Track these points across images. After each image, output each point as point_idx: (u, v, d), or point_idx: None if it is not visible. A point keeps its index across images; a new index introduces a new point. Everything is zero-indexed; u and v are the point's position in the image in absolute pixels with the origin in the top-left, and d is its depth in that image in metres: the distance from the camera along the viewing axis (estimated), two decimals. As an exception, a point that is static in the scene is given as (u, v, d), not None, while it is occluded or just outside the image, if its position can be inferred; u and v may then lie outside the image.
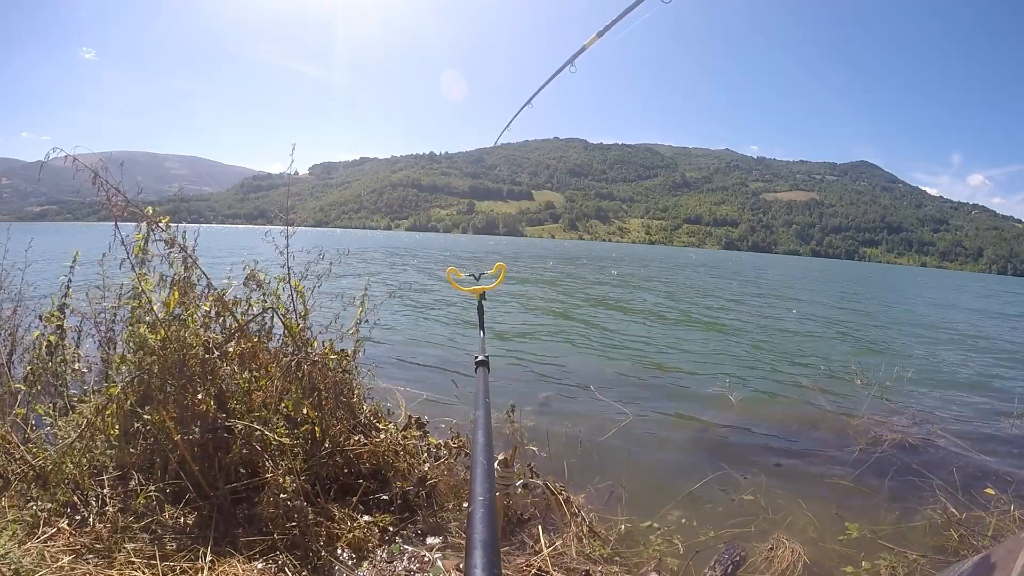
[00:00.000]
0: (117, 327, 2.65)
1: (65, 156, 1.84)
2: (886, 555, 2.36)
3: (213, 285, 2.27)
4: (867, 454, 3.52)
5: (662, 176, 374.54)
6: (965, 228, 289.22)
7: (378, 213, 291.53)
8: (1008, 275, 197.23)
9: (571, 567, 2.02)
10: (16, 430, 2.08)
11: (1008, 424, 4.48)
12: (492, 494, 0.65)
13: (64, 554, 1.64)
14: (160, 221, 2.09)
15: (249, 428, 1.99)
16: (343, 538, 1.97)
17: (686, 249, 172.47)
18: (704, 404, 4.55)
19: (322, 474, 2.20)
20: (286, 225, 2.44)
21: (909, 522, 2.72)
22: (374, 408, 2.71)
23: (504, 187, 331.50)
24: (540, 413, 3.94)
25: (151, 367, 1.97)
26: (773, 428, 4.07)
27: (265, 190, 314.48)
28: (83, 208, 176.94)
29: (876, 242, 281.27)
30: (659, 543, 2.34)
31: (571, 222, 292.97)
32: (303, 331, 2.41)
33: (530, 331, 7.54)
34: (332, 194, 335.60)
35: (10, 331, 2.72)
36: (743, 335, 8.48)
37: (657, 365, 5.93)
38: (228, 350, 2.14)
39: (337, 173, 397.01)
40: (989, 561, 1.42)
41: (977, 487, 3.11)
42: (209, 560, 1.71)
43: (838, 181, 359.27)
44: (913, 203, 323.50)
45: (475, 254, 35.34)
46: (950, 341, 9.56)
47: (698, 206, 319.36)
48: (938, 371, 6.67)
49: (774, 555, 2.23)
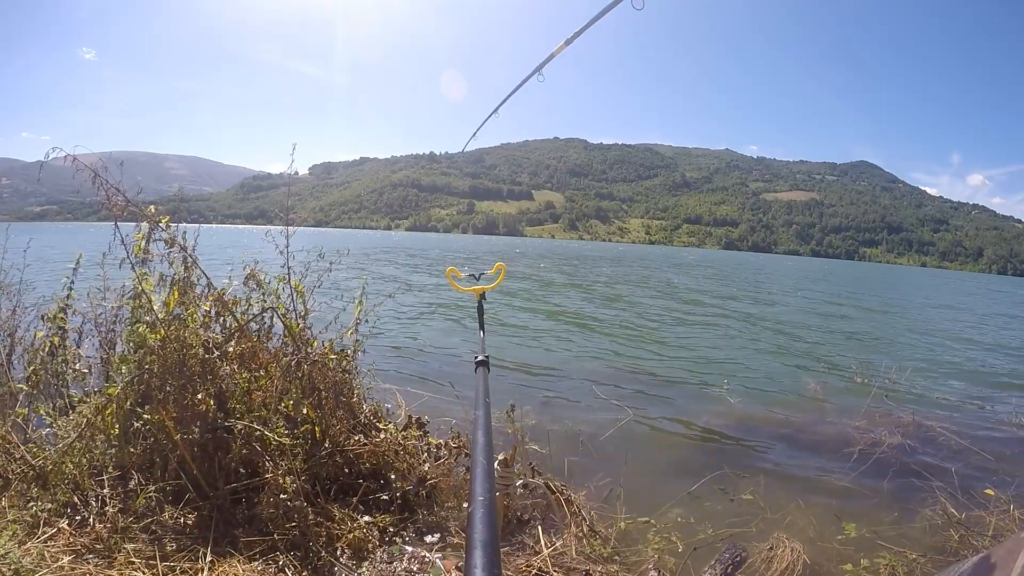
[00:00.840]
0: (117, 327, 2.66)
1: (65, 156, 1.84)
2: (885, 554, 2.36)
3: (213, 285, 2.27)
4: (866, 454, 3.52)
5: (662, 176, 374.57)
6: (965, 228, 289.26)
7: (378, 213, 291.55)
8: (1008, 275, 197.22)
9: (571, 567, 2.02)
10: (16, 430, 2.08)
11: (1008, 424, 4.49)
12: (492, 494, 0.65)
13: (64, 554, 1.64)
14: (160, 221, 2.09)
15: (249, 428, 1.99)
16: (343, 538, 1.97)
17: (682, 249, 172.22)
18: (704, 403, 4.55)
19: (322, 474, 2.20)
20: (286, 225, 2.44)
21: (909, 522, 2.71)
22: (374, 408, 2.71)
23: (504, 187, 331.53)
24: (540, 412, 3.94)
25: (151, 367, 1.97)
26: (772, 427, 4.07)
27: (265, 190, 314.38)
28: (83, 208, 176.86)
29: (876, 242, 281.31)
30: (659, 542, 2.34)
31: (571, 222, 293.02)
32: (303, 331, 2.41)
33: (530, 331, 7.54)
34: (332, 194, 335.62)
35: (9, 331, 2.72)
36: (742, 335, 8.49)
37: (657, 364, 5.92)
38: (228, 350, 2.14)
39: (337, 173, 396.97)
40: (989, 561, 1.42)
41: (977, 487, 3.11)
42: (209, 560, 1.71)
43: (838, 181, 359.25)
44: (913, 203, 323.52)
45: (472, 254, 35.33)
46: (950, 341, 9.56)
47: (698, 206, 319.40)
48: (938, 371, 6.67)
49: (774, 555, 2.23)
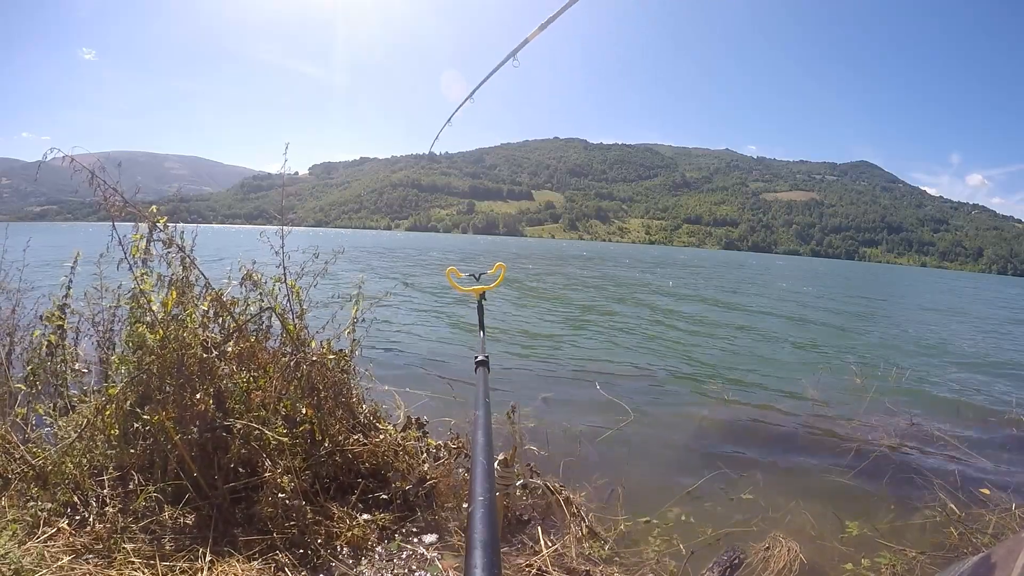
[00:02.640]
0: (115, 327, 2.66)
1: (63, 157, 1.84)
2: (886, 554, 2.36)
3: (211, 285, 2.27)
4: (866, 453, 3.52)
5: (662, 176, 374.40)
6: (965, 228, 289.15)
7: (378, 213, 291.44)
8: (1008, 275, 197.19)
9: (571, 567, 2.01)
10: (16, 430, 2.08)
11: (1008, 425, 4.49)
12: (492, 494, 0.65)
13: (64, 554, 1.64)
14: (158, 221, 2.09)
15: (248, 428, 1.99)
16: (342, 537, 1.97)
17: (678, 249, 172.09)
18: (703, 404, 4.55)
19: (321, 473, 2.20)
20: (282, 225, 2.44)
21: (908, 520, 2.72)
22: (373, 408, 2.71)
23: (504, 187, 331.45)
24: (540, 412, 3.94)
25: (150, 367, 1.97)
26: (771, 427, 4.07)
27: (265, 190, 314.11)
28: (83, 208, 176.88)
29: (876, 242, 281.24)
30: (659, 544, 2.34)
31: (571, 222, 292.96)
32: (301, 330, 2.41)
33: (530, 331, 7.54)
34: (332, 194, 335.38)
35: (9, 331, 2.72)
36: (742, 334, 8.49)
37: (656, 365, 5.92)
38: (227, 350, 2.14)
39: (337, 173, 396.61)
40: (989, 561, 1.42)
41: (976, 486, 3.11)
42: (208, 560, 1.71)
43: (838, 181, 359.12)
44: (913, 203, 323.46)
45: (468, 254, 35.33)
46: (949, 341, 9.56)
47: (698, 206, 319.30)
48: (937, 371, 6.66)
49: (771, 555, 2.23)
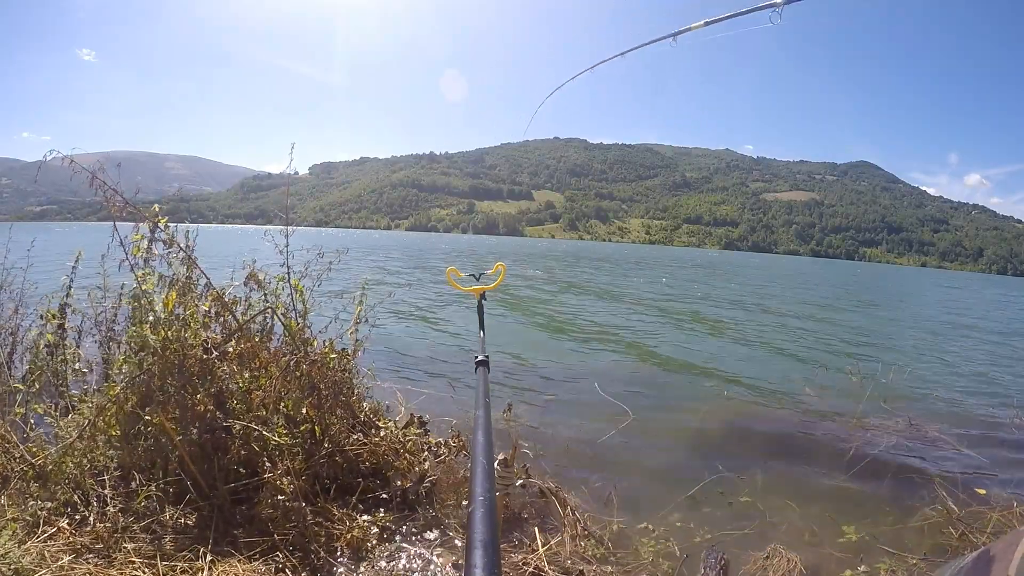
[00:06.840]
0: (117, 327, 2.66)
1: (63, 157, 1.84)
2: (887, 559, 2.35)
3: (212, 285, 2.27)
4: (864, 454, 3.52)
5: (662, 176, 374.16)
6: (965, 228, 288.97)
7: (378, 213, 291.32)
8: (1008, 275, 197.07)
9: (566, 566, 2.02)
10: (16, 429, 2.08)
11: (1008, 424, 4.48)
12: (492, 494, 0.65)
13: (64, 553, 1.64)
14: (159, 221, 2.09)
15: (247, 428, 2.00)
16: (342, 538, 1.97)
17: (676, 249, 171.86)
18: (702, 405, 4.54)
19: (321, 473, 2.20)
20: (285, 225, 2.44)
21: (908, 522, 2.71)
22: (374, 407, 2.71)
23: (504, 187, 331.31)
24: (539, 413, 3.94)
25: (151, 367, 1.97)
26: (770, 429, 4.07)
27: (265, 190, 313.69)
28: (83, 208, 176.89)
29: (876, 242, 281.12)
30: (653, 545, 2.34)
31: (571, 222, 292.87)
32: (302, 330, 2.41)
33: (530, 331, 7.54)
34: (332, 194, 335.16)
35: (11, 331, 2.72)
36: (740, 335, 8.48)
37: (656, 366, 5.93)
38: (228, 350, 2.14)
39: (337, 173, 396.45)
40: (989, 555, 1.42)
41: (976, 486, 3.11)
42: (209, 560, 1.71)
43: (838, 181, 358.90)
44: (913, 203, 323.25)
45: (465, 254, 35.32)
46: (948, 341, 9.56)
47: (698, 206, 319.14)
48: (936, 371, 6.67)
49: (769, 564, 2.22)
